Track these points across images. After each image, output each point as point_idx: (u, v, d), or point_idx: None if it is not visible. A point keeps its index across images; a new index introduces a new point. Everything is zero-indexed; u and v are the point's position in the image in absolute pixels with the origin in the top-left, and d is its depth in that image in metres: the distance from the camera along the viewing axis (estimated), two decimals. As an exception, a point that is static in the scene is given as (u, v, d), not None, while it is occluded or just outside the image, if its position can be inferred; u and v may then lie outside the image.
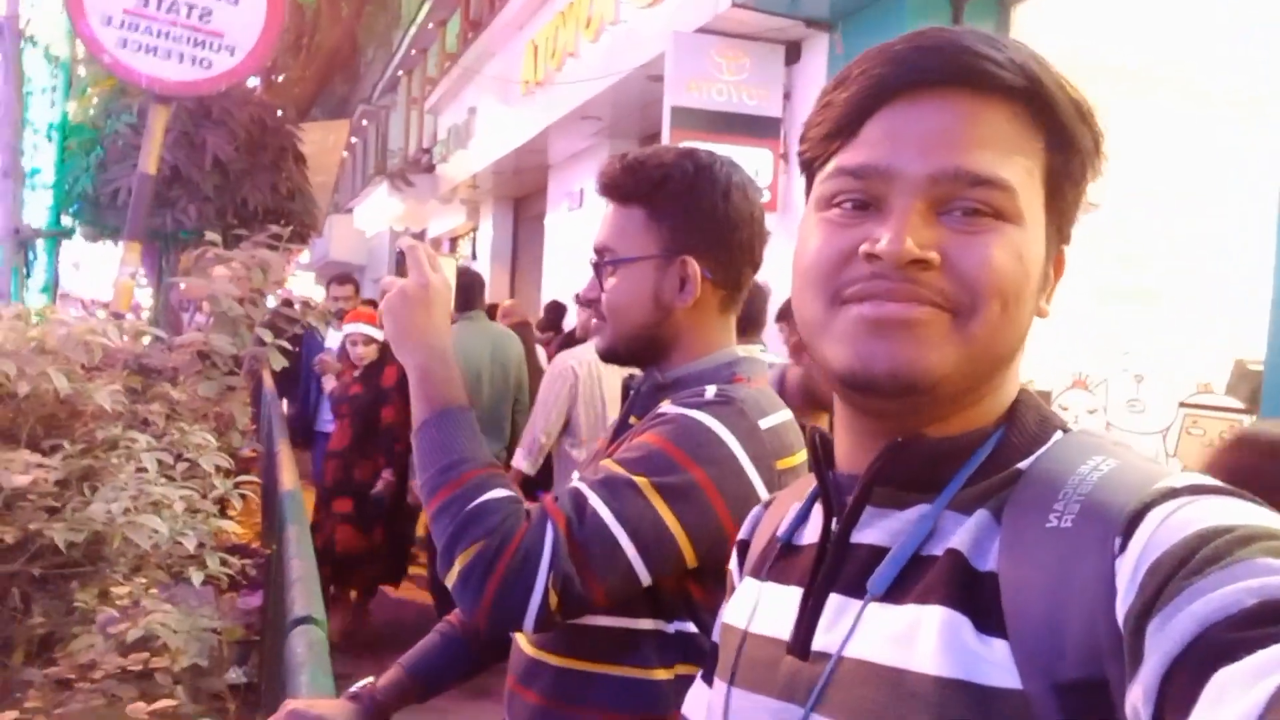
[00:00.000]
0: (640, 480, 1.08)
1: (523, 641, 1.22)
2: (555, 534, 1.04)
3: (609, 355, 1.28)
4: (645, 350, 1.26)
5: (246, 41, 4.07)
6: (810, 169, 0.69)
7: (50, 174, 5.56)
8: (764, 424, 1.16)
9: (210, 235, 3.08)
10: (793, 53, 6.17)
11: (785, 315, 3.83)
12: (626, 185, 1.22)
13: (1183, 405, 4.08)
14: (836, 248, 0.63)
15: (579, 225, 9.87)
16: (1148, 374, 4.20)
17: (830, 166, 0.65)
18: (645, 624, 1.13)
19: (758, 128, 5.99)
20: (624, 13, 7.34)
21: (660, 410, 1.17)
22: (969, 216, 0.61)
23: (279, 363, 2.91)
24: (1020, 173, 0.62)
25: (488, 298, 13.35)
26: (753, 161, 5.87)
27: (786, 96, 6.17)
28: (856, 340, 0.62)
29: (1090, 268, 4.32)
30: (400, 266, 1.23)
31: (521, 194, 13.19)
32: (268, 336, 2.86)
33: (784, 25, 5.85)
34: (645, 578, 1.08)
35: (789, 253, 0.70)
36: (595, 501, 1.07)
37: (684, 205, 1.20)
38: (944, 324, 0.61)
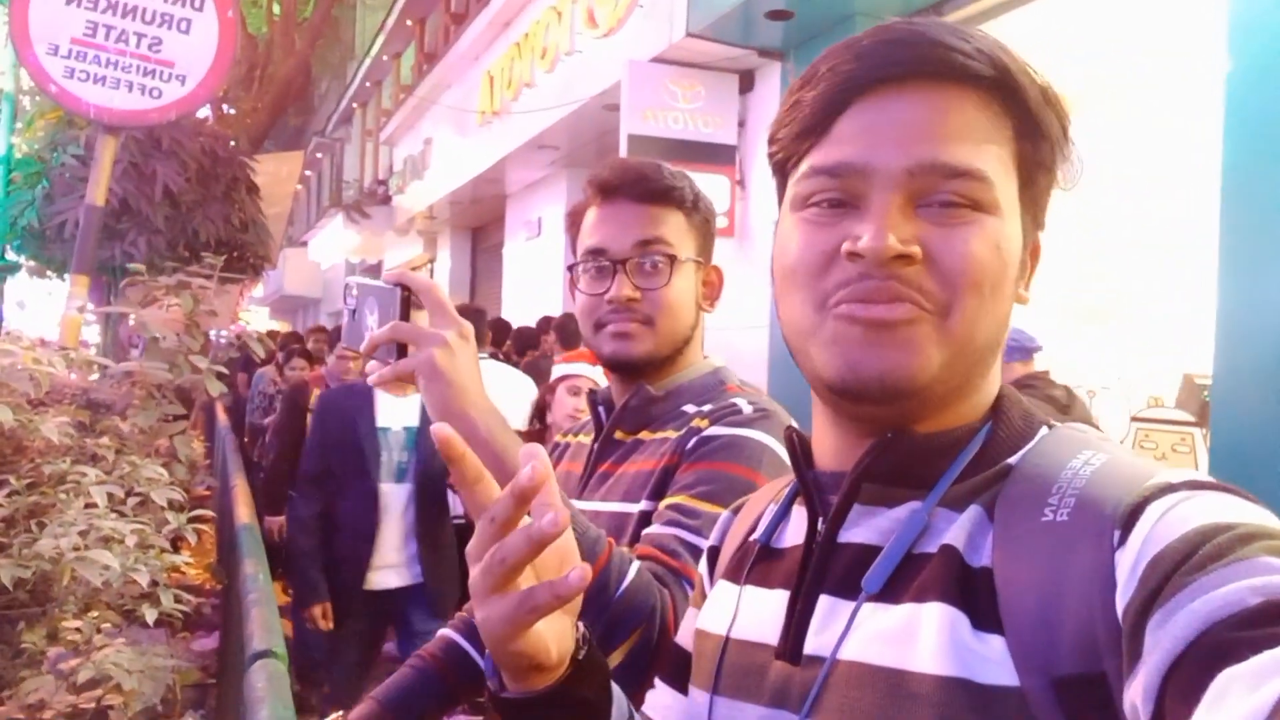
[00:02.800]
0: None
1: None
2: None
3: (648, 361, 1.20)
4: (676, 354, 1.23)
5: (197, 71, 4.02)
6: (783, 169, 0.68)
7: (-6, 208, 5.44)
8: None
9: (133, 266, 3.04)
10: (746, 81, 6.27)
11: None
12: (673, 189, 1.21)
13: (1135, 420, 4.17)
14: (818, 249, 0.63)
15: (537, 254, 9.86)
16: (1100, 389, 4.28)
17: (804, 166, 0.65)
18: None
19: (713, 155, 6.07)
20: (579, 43, 7.41)
21: (707, 434, 1.14)
22: (947, 208, 0.61)
23: (216, 388, 2.85)
24: (994, 162, 0.62)
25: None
26: (709, 188, 5.91)
27: (741, 124, 6.26)
28: (846, 347, 0.62)
29: (1043, 286, 4.42)
30: (404, 308, 1.00)
31: (479, 224, 13.17)
32: (202, 363, 2.81)
33: (737, 55, 5.94)
34: None
35: (746, 277, 0.69)
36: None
37: (710, 218, 1.27)
38: (928, 325, 0.61)
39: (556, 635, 0.60)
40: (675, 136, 6.06)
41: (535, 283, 9.70)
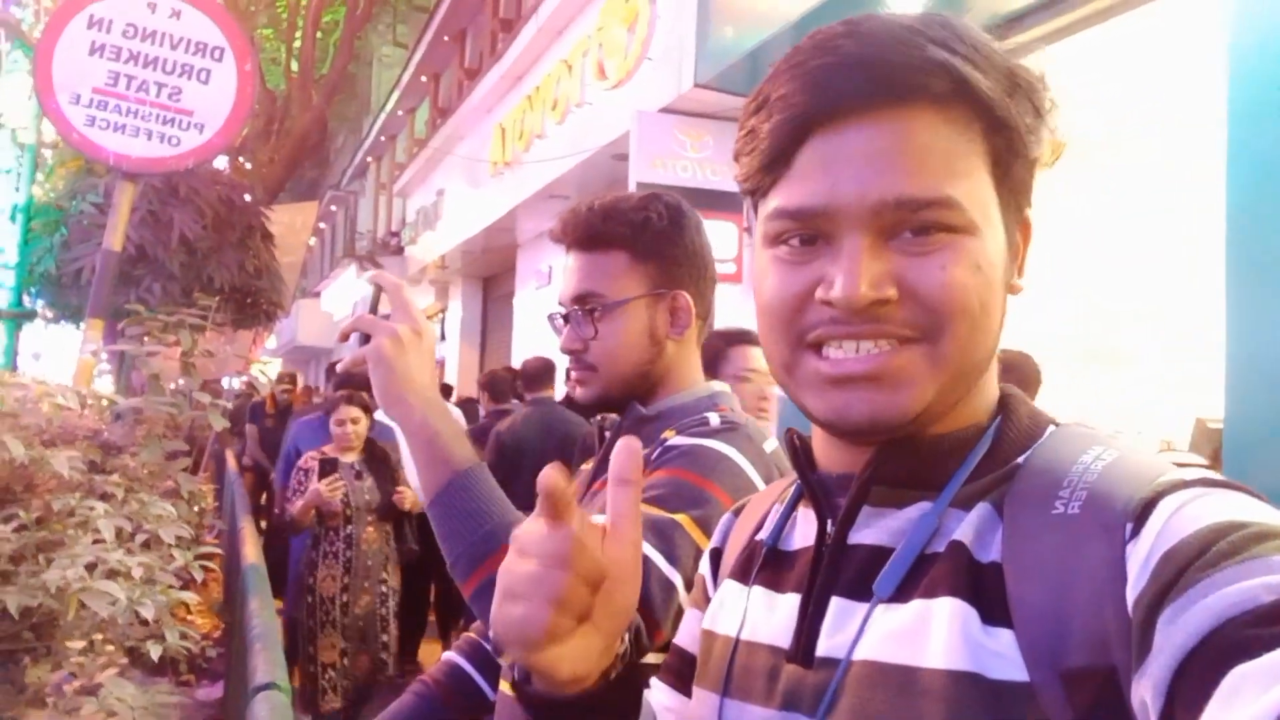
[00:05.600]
0: (682, 518, 1.07)
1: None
2: None
3: (599, 403, 1.25)
4: (638, 389, 1.24)
5: (215, 120, 4.11)
6: (751, 196, 0.67)
7: (13, 255, 5.52)
8: (767, 447, 1.18)
9: (131, 306, 3.09)
10: (754, 130, 6.36)
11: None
12: (605, 231, 1.23)
13: (1148, 464, 4.13)
14: (792, 291, 0.62)
15: (547, 303, 9.93)
16: (1112, 434, 4.24)
17: (771, 205, 0.63)
18: (659, 656, 1.11)
19: (721, 202, 6.13)
20: (589, 94, 7.55)
21: (670, 444, 1.16)
22: (920, 236, 0.59)
23: (220, 423, 2.90)
24: (963, 179, 0.60)
25: (457, 377, 13.17)
26: (717, 235, 6.00)
27: (749, 172, 6.34)
28: (827, 394, 0.61)
29: (1056, 331, 4.42)
30: (374, 306, 1.14)
31: (490, 274, 13.28)
32: (204, 399, 2.84)
33: (744, 104, 6.04)
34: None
35: (755, 324, 0.68)
36: (647, 549, 1.04)
37: (668, 243, 1.24)
38: (914, 357, 0.60)
39: (574, 656, 0.56)
40: (683, 185, 6.13)
41: (545, 331, 9.73)
